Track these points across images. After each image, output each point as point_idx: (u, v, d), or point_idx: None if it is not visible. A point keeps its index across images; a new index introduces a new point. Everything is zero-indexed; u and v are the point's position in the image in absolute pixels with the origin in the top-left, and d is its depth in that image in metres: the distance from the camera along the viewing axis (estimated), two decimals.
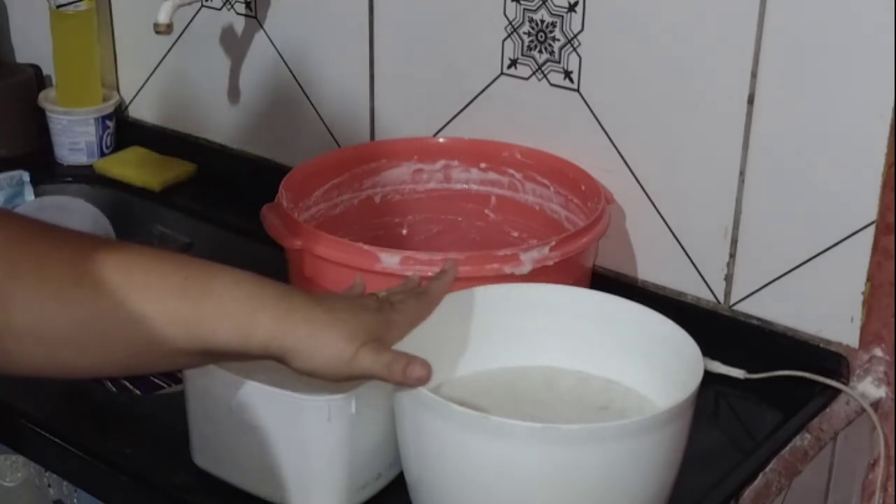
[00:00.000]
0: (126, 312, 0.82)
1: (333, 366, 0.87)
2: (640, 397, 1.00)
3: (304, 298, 0.89)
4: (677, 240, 1.25)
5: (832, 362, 1.18)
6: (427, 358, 0.89)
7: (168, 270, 0.85)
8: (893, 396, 1.19)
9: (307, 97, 1.51)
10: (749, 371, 1.18)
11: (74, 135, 1.66)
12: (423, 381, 0.88)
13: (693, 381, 0.91)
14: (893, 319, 1.16)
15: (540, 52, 1.29)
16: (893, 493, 1.24)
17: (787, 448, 1.10)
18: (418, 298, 0.97)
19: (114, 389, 1.37)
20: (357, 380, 0.90)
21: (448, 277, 1.01)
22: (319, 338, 0.87)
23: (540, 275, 1.09)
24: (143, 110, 1.72)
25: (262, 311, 0.86)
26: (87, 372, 0.87)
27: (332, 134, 1.50)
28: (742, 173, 1.19)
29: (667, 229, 1.26)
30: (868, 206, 1.12)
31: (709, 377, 0.95)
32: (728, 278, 1.23)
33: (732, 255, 1.22)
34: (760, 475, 1.06)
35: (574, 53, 1.26)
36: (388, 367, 0.88)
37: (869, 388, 1.19)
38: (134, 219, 1.58)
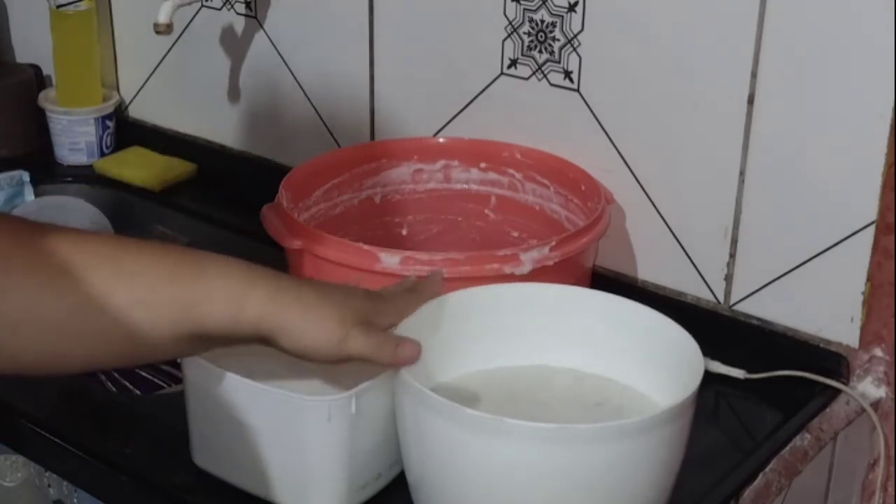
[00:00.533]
0: (118, 300, 0.83)
1: (323, 346, 0.89)
2: (640, 395, 1.00)
3: (293, 281, 0.91)
4: (677, 240, 1.25)
5: (832, 362, 1.18)
6: (426, 358, 0.89)
7: (157, 257, 0.86)
8: (893, 396, 1.19)
9: (307, 97, 1.51)
10: (749, 371, 1.18)
11: (74, 135, 1.66)
12: (413, 360, 0.90)
13: (694, 380, 0.91)
14: (893, 319, 1.16)
15: (540, 52, 1.29)
16: (893, 493, 1.24)
17: (787, 448, 1.10)
18: (407, 292, 0.98)
19: (114, 389, 1.37)
20: (344, 362, 0.91)
21: (436, 279, 1.02)
22: (310, 317, 0.88)
23: (540, 275, 1.09)
24: (143, 110, 1.72)
25: (254, 291, 0.87)
26: (81, 364, 0.88)
27: (332, 134, 1.50)
28: (742, 173, 1.19)
29: (667, 229, 1.26)
30: (868, 206, 1.12)
31: (709, 377, 0.95)
32: (728, 278, 1.23)
33: (732, 255, 1.22)
34: (760, 475, 1.06)
35: (574, 53, 1.26)
36: (379, 347, 0.89)
37: (869, 388, 1.19)
38: (134, 219, 1.58)
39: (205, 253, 0.89)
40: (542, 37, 1.28)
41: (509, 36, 1.30)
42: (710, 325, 1.20)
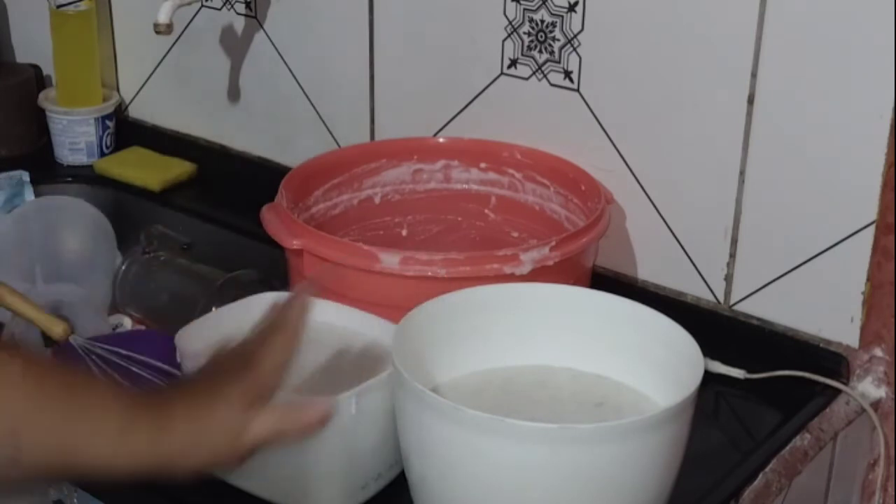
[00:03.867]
0: None
1: (223, 447, 0.83)
2: (639, 395, 1.00)
3: (165, 403, 0.83)
4: (677, 240, 1.25)
5: (832, 362, 1.18)
6: (426, 358, 0.89)
7: (36, 387, 0.79)
8: (893, 396, 1.19)
9: (307, 97, 1.51)
10: (749, 371, 1.18)
11: (74, 135, 1.66)
12: (326, 420, 0.84)
13: (694, 380, 0.91)
14: (893, 319, 1.16)
15: (540, 52, 1.29)
16: (893, 493, 1.24)
17: (787, 448, 1.10)
18: (275, 330, 0.86)
19: None
20: (253, 452, 0.84)
21: (301, 302, 0.87)
22: (199, 424, 0.82)
23: (540, 275, 1.09)
24: (143, 110, 1.72)
25: (138, 422, 0.81)
26: None
27: (332, 134, 1.50)
28: (742, 173, 1.19)
29: (667, 229, 1.26)
30: (868, 206, 1.12)
31: (709, 377, 0.95)
32: (728, 278, 1.23)
33: (732, 255, 1.22)
34: (760, 475, 1.06)
35: (574, 53, 1.26)
36: (282, 419, 0.83)
37: (869, 388, 1.19)
38: (134, 219, 1.58)
39: (87, 381, 0.83)
40: (542, 37, 1.28)
41: (509, 36, 1.30)
42: (710, 325, 1.20)
